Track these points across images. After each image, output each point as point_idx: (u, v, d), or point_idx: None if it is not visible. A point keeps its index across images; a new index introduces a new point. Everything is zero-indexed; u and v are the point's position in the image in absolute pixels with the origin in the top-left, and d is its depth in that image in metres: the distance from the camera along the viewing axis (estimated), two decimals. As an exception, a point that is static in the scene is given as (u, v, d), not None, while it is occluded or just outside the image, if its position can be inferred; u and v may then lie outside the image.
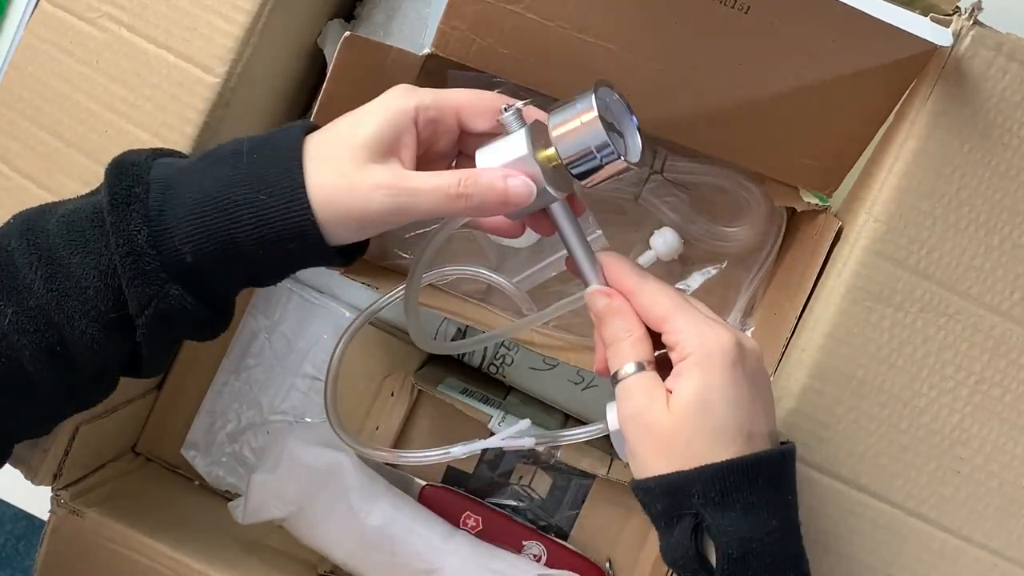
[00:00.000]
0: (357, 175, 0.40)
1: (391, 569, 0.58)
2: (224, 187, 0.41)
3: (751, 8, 0.47)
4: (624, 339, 0.42)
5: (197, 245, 0.40)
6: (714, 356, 0.40)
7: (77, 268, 0.41)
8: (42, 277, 0.41)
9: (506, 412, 0.62)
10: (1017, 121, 0.49)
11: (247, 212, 0.40)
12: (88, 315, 0.41)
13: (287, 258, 0.42)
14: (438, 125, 0.43)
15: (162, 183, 0.41)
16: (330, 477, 0.59)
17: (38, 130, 0.53)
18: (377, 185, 0.40)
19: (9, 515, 1.30)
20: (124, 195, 0.41)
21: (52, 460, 0.55)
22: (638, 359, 0.42)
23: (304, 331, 0.65)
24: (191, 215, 0.40)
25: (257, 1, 0.51)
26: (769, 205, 0.59)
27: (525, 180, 0.41)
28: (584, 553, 0.62)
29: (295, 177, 0.40)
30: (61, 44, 0.53)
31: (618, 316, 0.43)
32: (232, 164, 0.41)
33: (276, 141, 0.42)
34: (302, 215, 0.40)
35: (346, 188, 0.40)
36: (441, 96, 0.43)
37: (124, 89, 0.52)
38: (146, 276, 0.40)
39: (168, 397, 0.66)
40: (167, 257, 0.41)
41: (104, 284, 0.41)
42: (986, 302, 0.50)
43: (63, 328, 0.41)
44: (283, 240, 0.41)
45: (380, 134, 0.41)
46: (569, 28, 0.49)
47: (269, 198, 0.40)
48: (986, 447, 0.50)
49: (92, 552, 0.55)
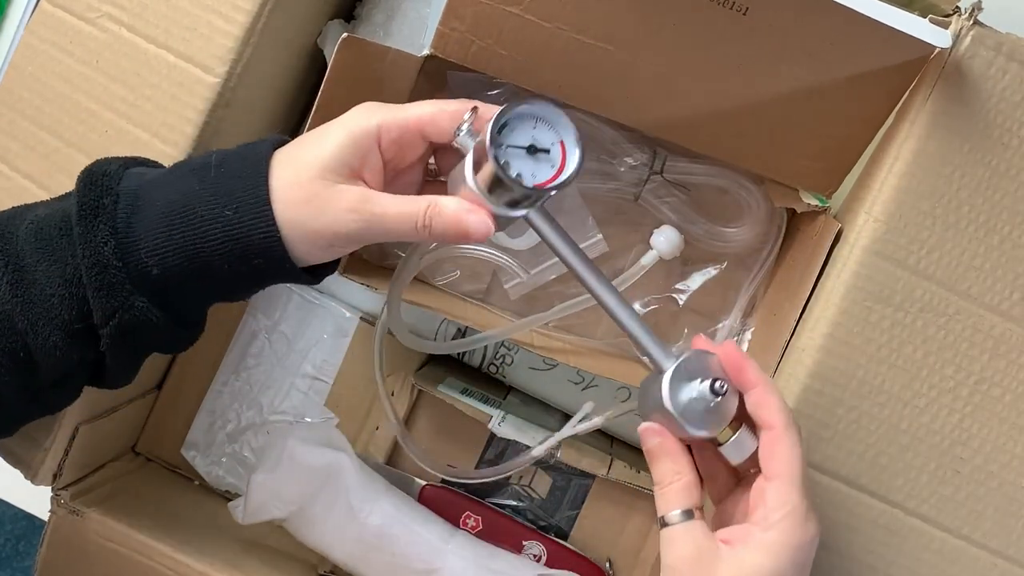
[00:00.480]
0: (323, 195, 0.41)
1: (391, 569, 0.58)
2: (191, 200, 0.41)
3: (750, 9, 0.47)
4: (673, 483, 0.41)
5: (163, 258, 0.41)
6: (793, 550, 0.39)
7: (42, 276, 0.41)
8: (8, 283, 0.41)
9: (506, 412, 0.62)
10: (1017, 121, 0.49)
11: (213, 227, 0.40)
12: (52, 323, 0.41)
13: (254, 274, 0.42)
14: (402, 144, 0.43)
15: (131, 194, 0.41)
16: (330, 477, 0.59)
17: (38, 130, 0.53)
18: (345, 207, 0.41)
19: (9, 515, 1.30)
20: (92, 205, 0.41)
21: (52, 460, 0.55)
22: (686, 506, 0.41)
23: (304, 331, 0.65)
24: (158, 228, 0.40)
25: (257, 1, 0.51)
26: (769, 206, 0.59)
27: (483, 218, 0.41)
28: (584, 553, 0.62)
29: (260, 194, 0.40)
30: (61, 44, 0.53)
31: (668, 458, 0.42)
32: (200, 177, 0.41)
33: (244, 156, 0.42)
34: (267, 232, 0.40)
35: (313, 208, 0.41)
36: (403, 115, 0.42)
37: (124, 89, 0.52)
38: (111, 288, 0.40)
39: (168, 397, 0.66)
40: (133, 269, 0.41)
41: (69, 293, 0.41)
42: (986, 302, 0.50)
43: (27, 335, 0.41)
44: (249, 256, 0.41)
45: (344, 156, 0.41)
46: (568, 29, 0.49)
47: (235, 213, 0.40)
48: (986, 447, 0.50)
49: (92, 552, 0.55)
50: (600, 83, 0.51)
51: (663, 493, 0.42)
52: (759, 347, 0.58)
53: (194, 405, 0.66)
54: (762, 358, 0.56)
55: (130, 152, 0.51)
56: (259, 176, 0.41)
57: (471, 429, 0.61)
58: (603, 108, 0.52)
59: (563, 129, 0.43)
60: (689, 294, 0.61)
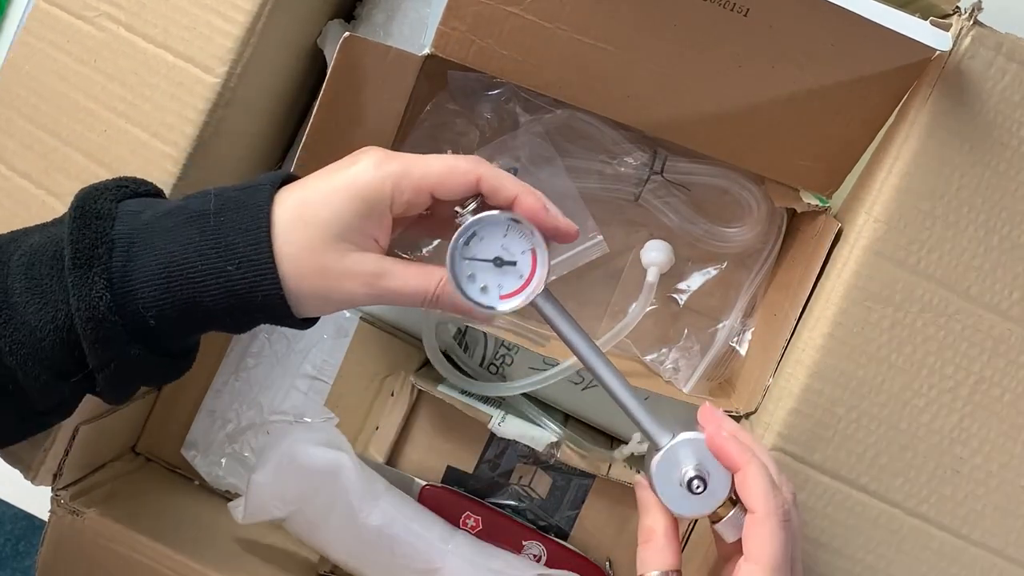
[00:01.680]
0: (337, 269, 0.40)
1: (391, 569, 0.58)
2: (191, 254, 0.40)
3: (750, 11, 0.47)
4: (648, 541, 0.43)
5: (161, 310, 0.40)
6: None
7: (32, 318, 0.40)
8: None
9: (506, 412, 0.62)
10: (1017, 121, 0.49)
11: (214, 282, 0.40)
12: (42, 364, 0.40)
13: (252, 322, 0.42)
14: (412, 204, 0.42)
15: (125, 241, 0.40)
16: (330, 477, 0.59)
17: (35, 129, 0.52)
18: (360, 283, 0.41)
19: (9, 515, 1.30)
20: (87, 255, 0.39)
21: (52, 460, 0.55)
22: (661, 568, 0.42)
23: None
24: (156, 280, 0.40)
25: (257, 1, 0.51)
26: (769, 206, 0.59)
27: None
28: (584, 553, 0.62)
29: (263, 251, 0.40)
30: (58, 43, 0.52)
31: (647, 513, 0.43)
32: (199, 228, 0.40)
33: (243, 203, 0.41)
34: (271, 290, 0.40)
35: (326, 282, 0.40)
36: (416, 176, 0.41)
37: (123, 88, 0.52)
38: (107, 341, 0.40)
39: (168, 397, 0.66)
40: (129, 320, 0.40)
41: (60, 339, 0.40)
42: (985, 302, 0.50)
43: (16, 372, 0.40)
44: (251, 311, 0.41)
45: (357, 223, 0.41)
46: (568, 29, 0.49)
47: (236, 270, 0.40)
48: (985, 447, 0.50)
49: (92, 552, 0.55)
50: (600, 83, 0.51)
51: (640, 551, 0.43)
52: (759, 347, 0.58)
53: (194, 405, 0.66)
54: (762, 358, 0.56)
55: (129, 152, 0.51)
56: (261, 231, 0.40)
57: (471, 429, 0.61)
58: (603, 108, 0.52)
59: (536, 237, 0.43)
60: (689, 294, 0.61)
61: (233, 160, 0.56)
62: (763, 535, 0.40)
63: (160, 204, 0.43)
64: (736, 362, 0.60)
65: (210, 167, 0.53)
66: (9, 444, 0.47)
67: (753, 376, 0.56)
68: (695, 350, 0.61)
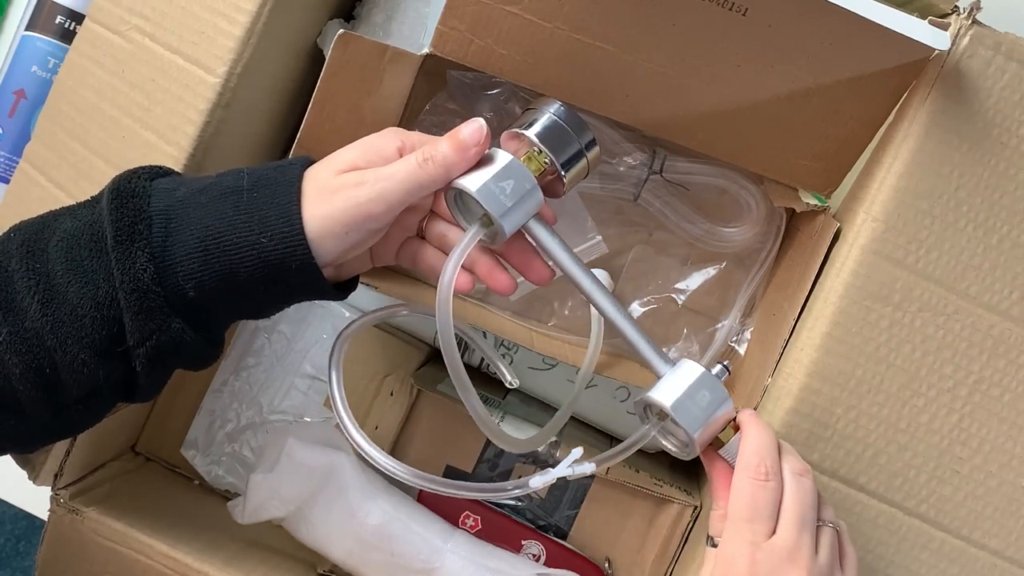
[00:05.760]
0: (337, 185, 0.43)
1: (390, 568, 0.58)
2: (227, 227, 0.42)
3: (749, 10, 0.47)
4: (717, 509, 0.47)
5: (200, 282, 0.42)
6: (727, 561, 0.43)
7: (74, 296, 0.41)
8: (39, 302, 0.41)
9: (506, 412, 0.62)
10: (1016, 121, 0.49)
11: (249, 254, 0.42)
12: (81, 342, 0.42)
13: (285, 292, 0.44)
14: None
15: (163, 216, 0.42)
16: (329, 476, 0.59)
17: (70, 140, 0.54)
18: (355, 183, 0.43)
19: (9, 515, 1.31)
20: (128, 231, 0.42)
21: (54, 460, 0.55)
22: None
23: (304, 331, 0.65)
24: (195, 252, 0.42)
25: (257, 1, 0.51)
26: (768, 205, 0.59)
27: (476, 126, 0.44)
28: (583, 552, 0.62)
29: (295, 223, 0.42)
30: (96, 57, 0.54)
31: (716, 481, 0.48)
32: (233, 203, 0.43)
33: (276, 180, 0.43)
34: (303, 257, 0.42)
35: (330, 198, 0.43)
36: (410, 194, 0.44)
37: (141, 95, 0.52)
38: (150, 312, 0.42)
39: (168, 397, 0.66)
40: (171, 292, 0.42)
41: (101, 315, 0.41)
42: (985, 301, 0.50)
43: (55, 352, 0.41)
44: (286, 279, 0.43)
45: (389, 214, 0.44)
46: (567, 29, 0.49)
47: (270, 241, 0.42)
48: (985, 447, 0.50)
49: (92, 552, 0.56)
50: (599, 82, 0.51)
51: (712, 517, 0.47)
52: (758, 346, 0.58)
53: (194, 405, 0.66)
54: (761, 357, 0.56)
55: (141, 155, 0.52)
56: (292, 205, 0.42)
57: (470, 429, 0.61)
58: (602, 108, 0.52)
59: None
60: (688, 294, 0.61)
61: (234, 160, 0.56)
62: (733, 485, 0.44)
63: (193, 181, 0.45)
64: (735, 362, 0.60)
65: (210, 167, 0.53)
66: (37, 445, 0.48)
67: (752, 376, 0.56)
68: (694, 350, 0.61)
